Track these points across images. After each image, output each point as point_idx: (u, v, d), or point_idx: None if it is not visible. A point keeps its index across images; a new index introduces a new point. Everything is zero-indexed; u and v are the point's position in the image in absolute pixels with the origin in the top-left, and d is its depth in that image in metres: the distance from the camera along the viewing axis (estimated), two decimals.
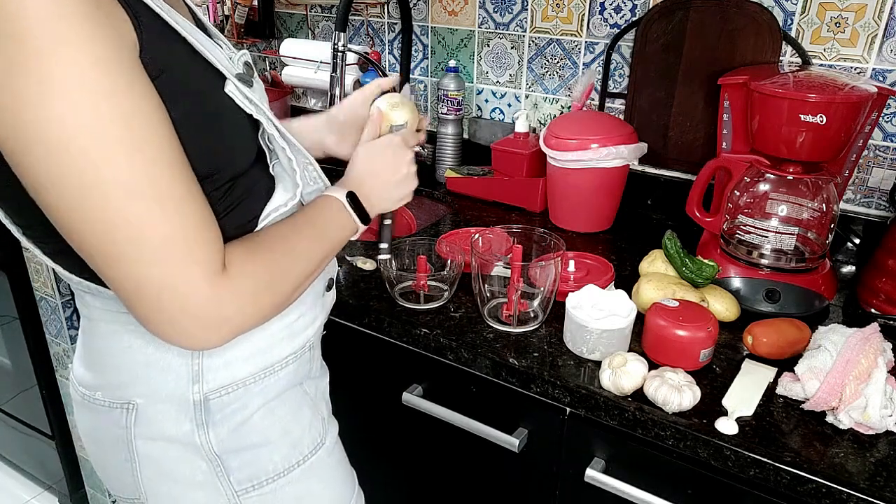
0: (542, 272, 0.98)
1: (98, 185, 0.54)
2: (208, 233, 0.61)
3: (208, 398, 0.74)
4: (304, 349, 0.82)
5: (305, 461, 0.83)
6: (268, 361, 0.78)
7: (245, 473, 0.78)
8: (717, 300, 1.01)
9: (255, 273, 0.66)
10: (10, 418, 1.95)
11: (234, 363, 0.75)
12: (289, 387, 0.82)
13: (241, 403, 0.77)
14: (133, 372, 0.74)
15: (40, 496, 2.05)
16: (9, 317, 1.74)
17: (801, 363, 0.85)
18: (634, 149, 1.30)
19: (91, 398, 0.77)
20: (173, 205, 0.58)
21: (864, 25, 1.16)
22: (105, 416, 0.76)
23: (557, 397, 0.91)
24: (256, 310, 0.66)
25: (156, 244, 0.57)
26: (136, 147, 0.55)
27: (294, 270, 0.71)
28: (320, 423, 0.87)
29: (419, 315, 1.04)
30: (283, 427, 0.81)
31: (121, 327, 0.73)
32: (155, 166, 0.57)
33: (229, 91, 0.66)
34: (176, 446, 0.76)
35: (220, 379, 0.75)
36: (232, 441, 0.77)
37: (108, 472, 0.82)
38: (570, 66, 1.48)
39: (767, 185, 1.11)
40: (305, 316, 0.81)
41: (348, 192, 0.80)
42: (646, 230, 1.37)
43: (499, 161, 1.49)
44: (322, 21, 1.83)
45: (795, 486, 0.76)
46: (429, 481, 1.18)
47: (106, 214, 0.56)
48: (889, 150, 1.21)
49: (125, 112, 0.54)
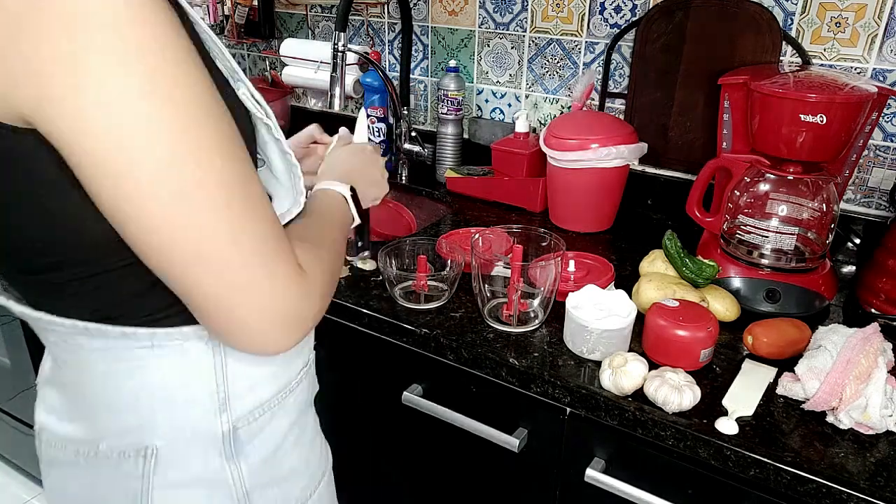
0: (543, 272, 0.98)
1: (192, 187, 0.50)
2: (282, 233, 0.58)
3: (237, 427, 0.68)
4: (310, 361, 0.80)
5: (316, 490, 0.80)
6: (287, 378, 0.74)
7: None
8: (718, 300, 1.01)
9: (321, 268, 0.64)
10: (10, 418, 1.95)
11: (259, 385, 0.70)
12: (305, 407, 0.79)
13: (270, 429, 0.72)
14: (151, 412, 0.65)
15: (40, 496, 2.05)
16: (9, 317, 1.74)
17: (801, 363, 0.85)
18: (634, 149, 1.30)
19: (89, 453, 0.67)
20: (257, 202, 0.55)
21: (864, 25, 1.16)
22: (111, 471, 0.66)
23: (557, 397, 0.91)
24: (326, 303, 0.65)
25: (248, 246, 0.54)
26: (223, 146, 0.52)
27: (335, 262, 0.70)
28: (325, 449, 0.85)
29: (419, 315, 1.04)
30: (306, 456, 0.78)
31: (130, 364, 0.64)
32: (241, 165, 0.54)
33: (242, 95, 0.62)
34: (201, 490, 0.68)
35: (246, 404, 0.69)
36: (263, 474, 0.72)
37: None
38: (570, 66, 1.48)
39: (767, 185, 1.10)
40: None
41: (350, 187, 0.81)
42: (646, 230, 1.37)
43: (499, 161, 1.49)
44: (322, 21, 1.83)
45: (796, 486, 0.76)
46: (429, 481, 1.18)
47: (202, 218, 0.51)
48: (889, 150, 1.21)
49: (211, 113, 0.51)
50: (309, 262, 0.62)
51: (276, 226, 0.58)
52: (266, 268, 0.55)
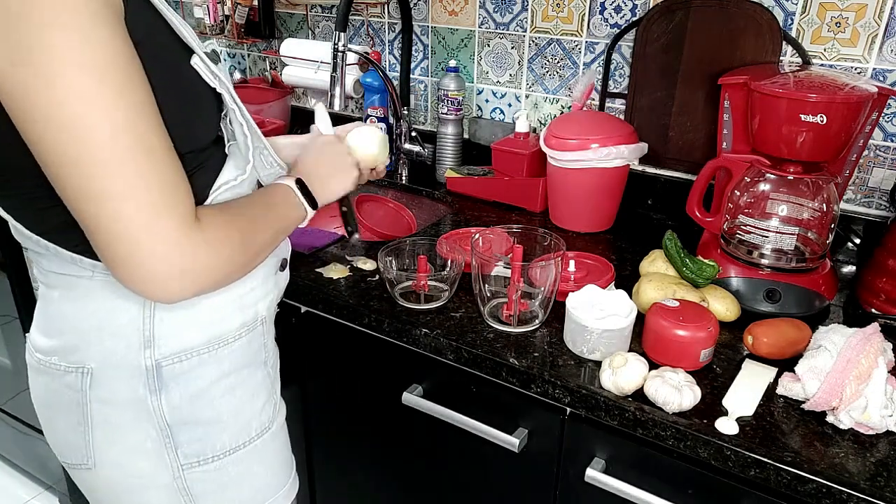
0: (543, 272, 0.98)
1: (82, 120, 0.59)
2: (181, 184, 0.66)
3: (160, 364, 0.77)
4: (255, 322, 0.86)
5: (251, 443, 0.87)
6: (219, 331, 0.81)
7: (193, 448, 0.81)
8: (718, 300, 1.01)
9: (227, 230, 0.70)
10: (10, 418, 1.95)
11: (186, 331, 0.78)
12: (248, 364, 0.86)
13: (196, 373, 0.80)
14: (86, 336, 0.76)
15: (40, 496, 2.05)
16: (9, 317, 1.74)
17: (801, 363, 0.85)
18: (635, 149, 1.30)
19: (47, 363, 0.79)
20: (150, 150, 0.63)
21: (864, 25, 1.16)
22: (60, 380, 0.79)
23: (558, 397, 0.91)
24: (226, 266, 0.70)
25: (133, 183, 0.61)
26: (118, 92, 0.60)
27: (259, 237, 0.76)
28: (272, 407, 0.91)
29: (419, 315, 1.04)
30: (237, 407, 0.84)
31: (75, 291, 0.75)
32: (135, 112, 0.61)
33: (195, 63, 0.70)
34: (129, 411, 0.78)
35: (171, 346, 0.77)
36: (185, 412, 0.80)
37: (58, 436, 0.84)
38: (570, 66, 1.48)
39: (768, 185, 1.10)
40: (256, 290, 0.85)
41: (297, 179, 0.86)
42: (646, 230, 1.37)
43: (499, 161, 1.49)
44: (322, 21, 1.83)
45: (796, 486, 0.76)
46: (429, 481, 1.18)
47: (88, 150, 0.60)
48: (889, 149, 1.21)
49: (109, 59, 0.59)
50: (211, 220, 0.69)
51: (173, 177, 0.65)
52: (153, 211, 0.63)
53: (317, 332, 1.19)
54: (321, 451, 1.33)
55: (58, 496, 2.02)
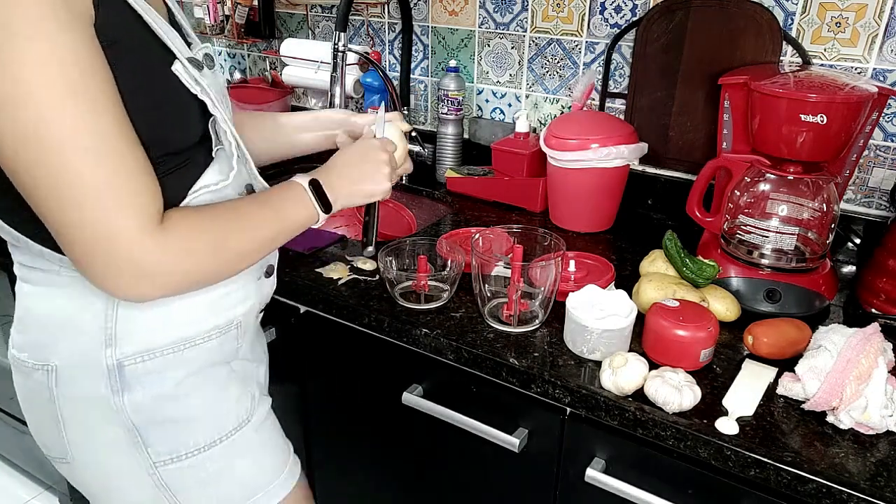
0: (543, 272, 0.98)
1: (39, 127, 0.59)
2: (146, 185, 0.66)
3: (122, 364, 0.76)
4: (229, 326, 0.84)
5: (228, 438, 0.86)
6: (187, 333, 0.79)
7: (164, 447, 0.81)
8: (718, 300, 1.01)
9: (195, 235, 0.69)
10: (10, 418, 1.95)
11: (151, 331, 0.77)
12: (214, 364, 0.84)
13: (161, 375, 0.79)
14: (51, 333, 0.76)
15: (40, 496, 2.05)
16: (9, 316, 1.74)
17: (801, 363, 0.85)
18: (635, 149, 1.30)
19: (19, 359, 0.80)
20: (111, 153, 0.63)
21: (864, 25, 1.16)
22: (31, 378, 0.79)
23: (558, 397, 0.91)
24: (193, 269, 0.70)
25: (92, 188, 0.62)
26: (76, 95, 0.60)
27: (240, 243, 0.75)
28: (248, 400, 0.89)
29: (419, 315, 1.04)
30: (207, 405, 0.83)
31: (41, 288, 0.76)
32: (95, 115, 0.62)
33: (175, 70, 0.70)
34: (96, 410, 0.78)
35: (134, 345, 0.76)
36: (150, 412, 0.79)
37: (40, 430, 0.84)
38: (570, 66, 1.48)
39: (768, 185, 1.10)
40: (233, 295, 0.83)
41: (311, 180, 0.84)
42: (646, 230, 1.37)
43: (499, 161, 1.49)
44: (322, 21, 1.83)
45: (796, 486, 0.76)
46: (429, 481, 1.18)
47: (47, 157, 0.60)
48: (889, 150, 1.21)
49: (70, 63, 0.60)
50: (180, 223, 0.68)
51: (139, 179, 0.65)
52: (115, 213, 0.63)
53: (317, 332, 1.19)
54: (321, 451, 1.33)
55: (58, 496, 2.02)
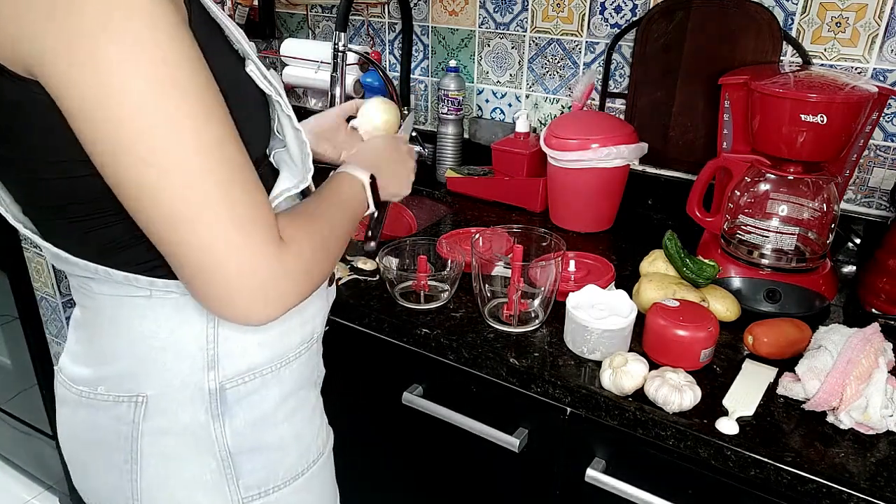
0: (543, 272, 0.98)
1: (168, 152, 0.54)
2: (263, 197, 0.61)
3: (224, 387, 0.71)
4: (312, 340, 0.80)
5: (308, 470, 0.81)
6: (282, 349, 0.75)
7: (254, 479, 0.75)
8: (718, 300, 1.01)
9: (308, 244, 0.65)
10: (10, 418, 1.95)
11: (250, 349, 0.72)
12: (304, 384, 0.80)
13: (259, 396, 0.74)
14: (144, 361, 0.70)
15: (40, 496, 2.05)
16: (9, 316, 1.74)
17: (801, 363, 0.85)
18: (635, 149, 1.30)
19: (90, 395, 0.72)
20: (238, 173, 0.58)
21: (864, 25, 1.16)
22: (106, 413, 0.71)
23: (558, 397, 0.91)
24: (311, 280, 0.65)
25: (224, 212, 0.57)
26: (203, 117, 0.55)
27: (333, 242, 0.70)
28: (325, 432, 0.86)
29: (419, 315, 1.04)
30: (298, 431, 0.79)
31: (131, 312, 0.69)
32: (221, 135, 0.57)
33: (250, 70, 0.66)
34: (187, 441, 0.71)
35: (236, 366, 0.72)
36: (248, 438, 0.74)
37: (98, 477, 0.76)
38: (570, 66, 1.48)
39: (768, 185, 1.10)
40: (314, 304, 0.79)
41: (370, 175, 0.81)
42: (646, 230, 1.37)
43: (499, 161, 1.49)
44: (322, 21, 1.83)
45: (796, 486, 0.76)
46: (429, 481, 1.18)
47: (176, 181, 0.55)
48: (890, 149, 1.21)
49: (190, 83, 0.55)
50: (294, 235, 0.63)
51: (257, 197, 0.60)
52: (241, 234, 0.58)
53: None
54: None
55: (58, 496, 2.02)
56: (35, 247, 1.59)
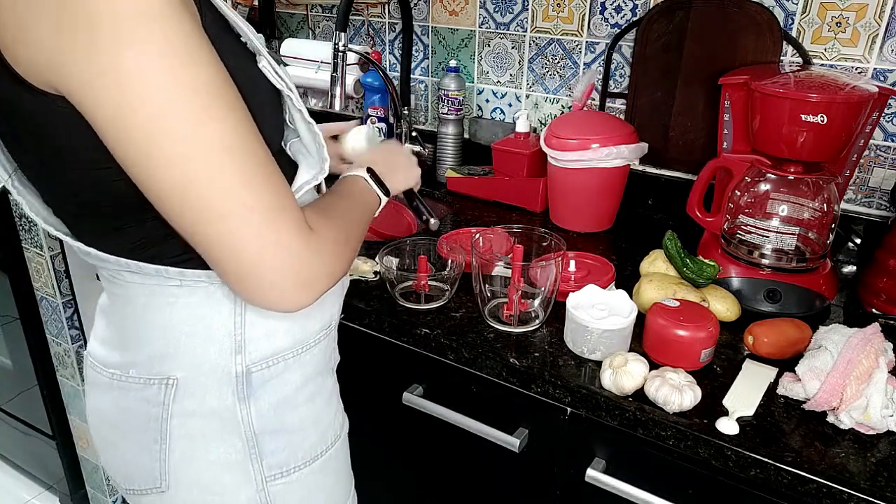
0: (543, 272, 0.98)
1: (198, 147, 0.56)
2: (288, 190, 0.63)
3: (250, 371, 0.74)
4: (330, 326, 0.84)
5: (327, 452, 0.84)
6: (304, 334, 0.78)
7: (276, 459, 0.78)
8: (718, 300, 1.01)
9: (335, 230, 0.68)
10: (10, 418, 1.96)
11: (275, 334, 0.75)
12: (322, 370, 0.83)
13: (282, 379, 0.77)
14: (174, 344, 0.72)
15: (40, 496, 2.05)
16: (9, 317, 1.74)
17: (801, 363, 0.85)
18: (635, 149, 1.30)
19: (122, 377, 0.75)
20: (263, 165, 0.60)
21: (864, 25, 1.16)
22: (137, 395, 0.74)
23: (558, 397, 0.91)
24: (340, 266, 0.68)
25: (256, 204, 0.59)
26: (223, 116, 0.58)
27: (354, 231, 0.74)
28: (342, 415, 0.89)
29: (420, 315, 1.04)
30: (317, 414, 0.82)
31: (161, 300, 0.72)
32: (244, 129, 0.59)
33: (262, 66, 0.68)
34: (215, 422, 0.74)
35: (262, 350, 0.74)
36: (271, 420, 0.77)
37: (126, 458, 0.78)
38: (570, 66, 1.48)
39: (768, 185, 1.10)
40: (332, 292, 0.82)
41: (367, 168, 0.84)
42: (646, 230, 1.37)
43: (499, 161, 1.49)
44: (322, 21, 1.83)
45: (796, 486, 0.76)
46: (429, 481, 1.18)
47: (203, 179, 0.57)
48: (890, 149, 1.21)
49: (209, 84, 0.57)
50: (319, 223, 0.66)
51: (282, 188, 0.62)
52: (272, 224, 0.60)
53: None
54: None
55: (58, 496, 2.02)
56: (35, 247, 1.59)
